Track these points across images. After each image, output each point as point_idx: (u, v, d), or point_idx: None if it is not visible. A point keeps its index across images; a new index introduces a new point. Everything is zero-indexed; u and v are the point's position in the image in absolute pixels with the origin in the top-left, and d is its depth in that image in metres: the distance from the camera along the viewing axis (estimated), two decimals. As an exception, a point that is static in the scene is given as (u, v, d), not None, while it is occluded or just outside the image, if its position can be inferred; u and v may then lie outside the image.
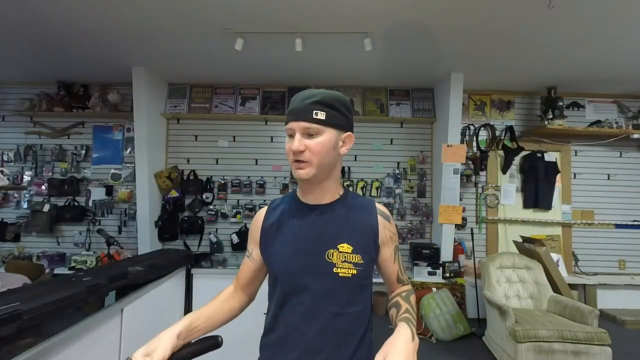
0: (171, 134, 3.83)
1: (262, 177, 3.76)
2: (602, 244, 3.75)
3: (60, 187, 3.58)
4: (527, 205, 3.72)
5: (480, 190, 3.76)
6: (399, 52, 2.96)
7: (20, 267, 2.86)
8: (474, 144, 3.73)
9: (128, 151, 3.71)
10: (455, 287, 3.23)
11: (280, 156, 3.79)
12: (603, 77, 3.40)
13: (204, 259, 2.79)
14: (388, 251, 0.89)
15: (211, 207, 3.71)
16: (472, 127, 3.76)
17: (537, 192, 3.66)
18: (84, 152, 3.71)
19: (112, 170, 3.69)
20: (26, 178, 3.66)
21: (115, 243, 2.80)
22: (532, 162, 3.68)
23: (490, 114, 3.84)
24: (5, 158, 3.69)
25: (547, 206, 3.68)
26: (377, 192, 3.73)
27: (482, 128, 3.71)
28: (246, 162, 3.79)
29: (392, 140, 3.83)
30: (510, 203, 3.74)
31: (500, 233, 3.73)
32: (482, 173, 3.75)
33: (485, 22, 2.43)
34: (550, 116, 3.53)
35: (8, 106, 3.71)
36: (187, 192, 3.70)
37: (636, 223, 3.74)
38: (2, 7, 2.31)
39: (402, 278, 0.93)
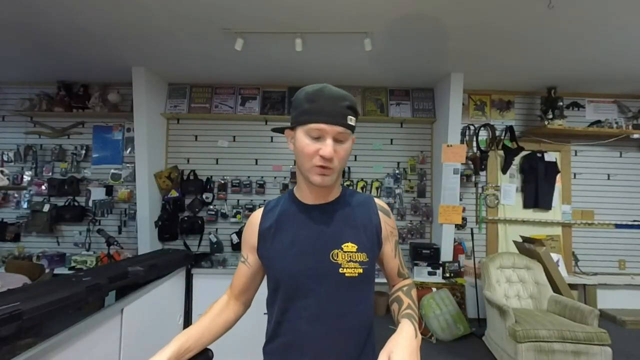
0: (171, 134, 3.83)
1: (262, 177, 3.76)
2: (602, 244, 3.75)
3: (60, 187, 3.58)
4: (527, 205, 3.72)
5: (480, 190, 3.76)
6: (398, 52, 2.96)
7: (20, 267, 2.86)
8: (474, 144, 3.73)
9: (128, 151, 3.71)
10: (455, 287, 3.23)
11: (280, 156, 3.79)
12: (603, 77, 3.40)
13: (204, 259, 2.79)
14: (389, 246, 0.89)
15: (211, 207, 3.71)
16: (472, 127, 3.76)
17: (537, 192, 3.66)
18: (84, 152, 3.71)
19: (112, 170, 3.69)
20: (26, 178, 3.66)
21: (115, 243, 2.80)
22: (532, 162, 3.68)
23: (490, 114, 3.85)
24: (5, 158, 3.69)
25: (547, 206, 3.68)
26: (377, 192, 3.73)
27: (482, 128, 3.71)
28: (246, 162, 3.79)
29: (392, 140, 3.83)
30: (510, 203, 3.74)
31: (500, 233, 3.73)
32: (482, 173, 3.75)
33: (485, 22, 2.43)
34: (550, 116, 3.53)
35: (8, 106, 3.71)
36: (187, 192, 3.70)
37: (636, 223, 3.74)
38: (3, 7, 2.31)
39: (403, 272, 0.93)
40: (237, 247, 3.60)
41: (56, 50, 2.97)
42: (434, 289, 3.11)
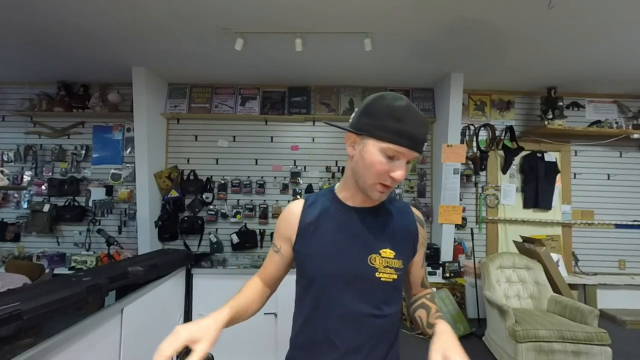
0: (171, 134, 3.83)
1: (262, 177, 3.76)
2: (602, 244, 3.74)
3: (60, 187, 3.58)
4: (527, 205, 3.72)
5: (480, 190, 3.76)
6: (399, 52, 2.96)
7: (20, 267, 2.85)
8: (474, 144, 3.73)
9: (128, 151, 3.71)
10: (455, 287, 3.23)
11: (280, 156, 3.79)
12: (603, 77, 3.39)
13: (204, 259, 2.80)
14: (419, 256, 0.90)
15: (211, 207, 3.71)
16: (472, 127, 3.76)
17: (537, 192, 3.66)
18: (84, 152, 3.71)
19: (112, 170, 3.69)
20: (26, 178, 3.66)
21: (115, 243, 2.80)
22: (532, 162, 3.68)
23: (490, 114, 3.84)
24: (5, 158, 3.68)
25: (547, 206, 3.68)
26: (377, 192, 3.73)
27: (482, 128, 3.71)
28: (246, 162, 3.79)
29: (392, 140, 3.82)
30: (510, 203, 3.74)
31: (500, 233, 3.73)
32: (482, 173, 3.74)
33: (485, 22, 2.43)
34: (550, 116, 3.53)
35: (8, 106, 3.71)
36: (187, 192, 3.69)
37: (636, 223, 3.74)
38: (3, 7, 2.31)
39: (426, 283, 0.95)
40: (237, 247, 3.60)
41: (56, 50, 2.97)
42: (434, 289, 3.11)
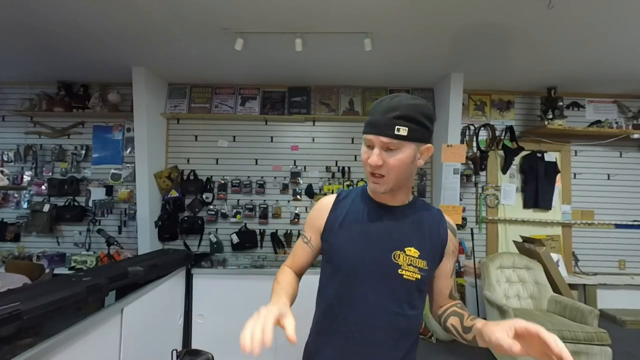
0: (171, 134, 3.82)
1: (262, 177, 3.75)
2: (602, 244, 3.74)
3: (60, 187, 3.58)
4: (527, 205, 3.72)
5: (480, 190, 3.76)
6: (398, 52, 2.96)
7: (20, 267, 2.85)
8: (474, 144, 3.73)
9: (128, 151, 3.71)
10: (455, 287, 3.23)
11: (280, 156, 3.79)
12: (603, 77, 3.39)
13: (204, 259, 2.79)
14: (448, 264, 0.89)
15: (211, 207, 3.71)
16: (472, 127, 3.76)
17: (537, 192, 3.66)
18: (84, 152, 3.71)
19: (112, 170, 3.69)
20: (26, 178, 3.66)
21: (115, 243, 2.80)
22: (532, 162, 3.68)
23: (490, 114, 3.84)
24: (5, 158, 3.69)
25: (547, 206, 3.68)
26: (377, 192, 3.73)
27: (482, 128, 3.71)
28: (246, 162, 3.79)
29: (392, 140, 3.82)
30: (510, 203, 3.74)
31: (500, 233, 3.73)
32: (482, 173, 3.74)
33: (486, 22, 2.43)
34: (550, 116, 3.53)
35: (8, 106, 3.71)
36: (187, 192, 3.69)
37: (636, 223, 3.74)
38: (3, 7, 2.31)
39: (455, 295, 0.93)
40: (237, 247, 3.60)
41: (56, 50, 2.97)
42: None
